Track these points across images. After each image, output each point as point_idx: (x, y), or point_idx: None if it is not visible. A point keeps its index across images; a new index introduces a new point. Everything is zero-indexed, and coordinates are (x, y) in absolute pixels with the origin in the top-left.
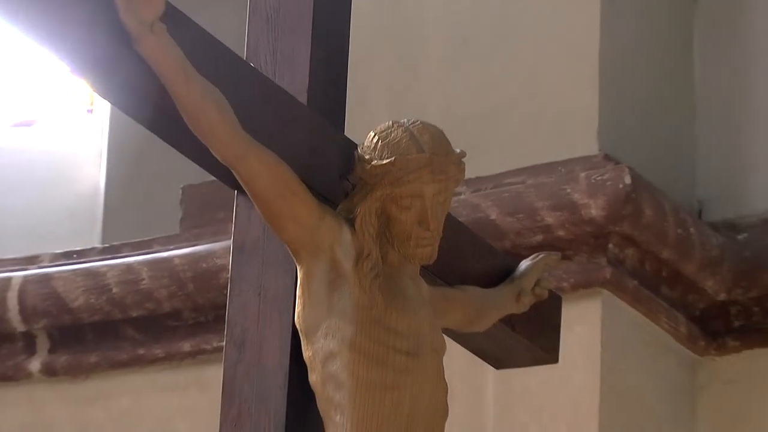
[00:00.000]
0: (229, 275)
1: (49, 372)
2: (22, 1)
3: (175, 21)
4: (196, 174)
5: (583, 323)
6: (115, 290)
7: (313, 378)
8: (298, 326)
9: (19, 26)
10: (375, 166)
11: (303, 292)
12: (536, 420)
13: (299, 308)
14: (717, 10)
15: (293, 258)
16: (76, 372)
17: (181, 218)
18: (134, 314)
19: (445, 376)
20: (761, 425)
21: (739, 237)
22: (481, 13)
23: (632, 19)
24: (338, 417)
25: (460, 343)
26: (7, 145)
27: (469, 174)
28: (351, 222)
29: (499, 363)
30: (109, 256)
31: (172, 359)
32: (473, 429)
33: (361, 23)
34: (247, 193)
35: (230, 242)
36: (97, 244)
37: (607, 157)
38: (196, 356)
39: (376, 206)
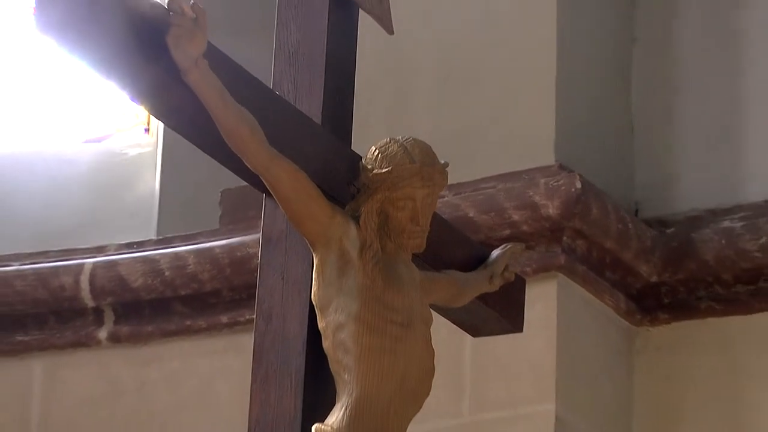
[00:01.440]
0: (258, 262)
1: (114, 339)
2: (96, 46)
3: (214, 57)
4: (232, 180)
5: (542, 300)
6: (167, 273)
7: (326, 344)
8: (314, 303)
9: (91, 66)
10: (376, 174)
11: (318, 276)
12: (504, 377)
13: (315, 288)
14: (651, 45)
15: (310, 248)
16: (136, 339)
17: (220, 216)
18: (182, 293)
19: (432, 343)
20: (684, 382)
21: (668, 231)
22: (460, 53)
23: (581, 55)
24: (346, 375)
25: (443, 316)
26: (81, 158)
27: (451, 180)
28: (356, 219)
29: (475, 332)
30: (162, 246)
31: (212, 329)
32: (454, 384)
33: (364, 60)
34: (273, 196)
35: (260, 235)
36: (153, 237)
37: (562, 167)
38: (232, 327)
39: (376, 207)
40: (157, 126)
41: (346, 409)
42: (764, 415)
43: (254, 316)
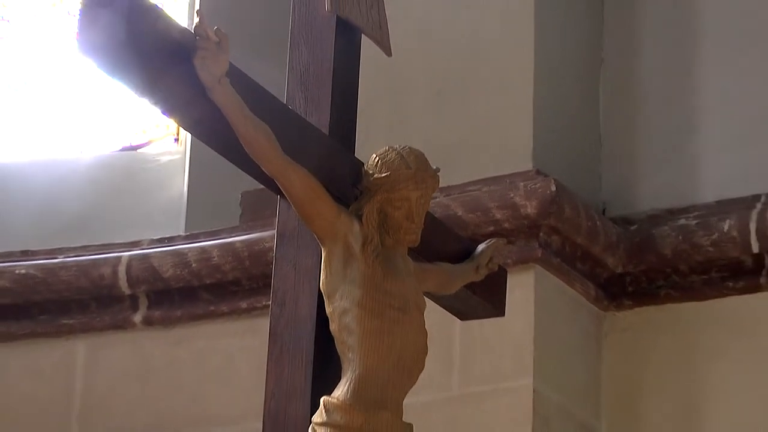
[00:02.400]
0: (273, 255)
1: (147, 323)
2: (132, 68)
3: (235, 76)
4: (250, 183)
5: (521, 288)
6: (194, 265)
7: (333, 327)
8: (322, 290)
9: (127, 85)
10: (376, 179)
11: (325, 267)
12: (488, 356)
13: (323, 278)
14: (616, 65)
15: (319, 243)
16: (167, 323)
17: (240, 215)
18: (207, 282)
19: (425, 325)
20: (646, 360)
21: (631, 228)
22: (450, 72)
23: (555, 75)
24: (350, 354)
25: (435, 302)
26: (118, 163)
27: (441, 184)
28: (359, 218)
29: (463, 316)
30: (190, 241)
31: (233, 314)
32: (445, 361)
33: (365, 78)
34: (286, 197)
35: (275, 231)
36: (182, 233)
37: (539, 172)
38: (250, 311)
39: (377, 206)
40: (185, 136)
41: (350, 383)
42: (714, 387)
43: (270, 302)
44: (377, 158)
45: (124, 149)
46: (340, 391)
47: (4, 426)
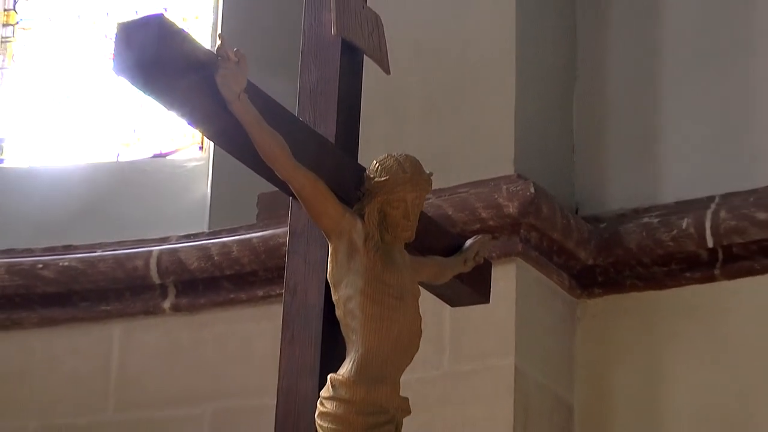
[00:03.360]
0: (286, 249)
1: (175, 309)
2: (161, 85)
3: (253, 92)
4: (266, 186)
5: (504, 279)
6: (216, 258)
7: (339, 312)
8: (329, 280)
9: (158, 100)
10: (376, 182)
11: (332, 260)
12: (474, 337)
13: (330, 269)
14: (588, 82)
15: (326, 238)
16: (192, 309)
17: (257, 214)
18: (228, 273)
19: (420, 311)
20: (613, 341)
21: (601, 225)
22: (441, 88)
23: (534, 91)
24: (353, 336)
25: (429, 290)
26: (150, 169)
27: (434, 186)
28: (361, 216)
29: (453, 302)
30: (212, 237)
31: (251, 301)
32: (437, 343)
33: (367, 94)
34: (297, 198)
35: (287, 228)
36: (205, 230)
37: (519, 176)
38: (266, 299)
39: (377, 207)
40: (209, 144)
41: (353, 362)
42: (673, 364)
43: (283, 291)
44: (377, 164)
45: (155, 156)
46: (345, 369)
47: (51, 398)
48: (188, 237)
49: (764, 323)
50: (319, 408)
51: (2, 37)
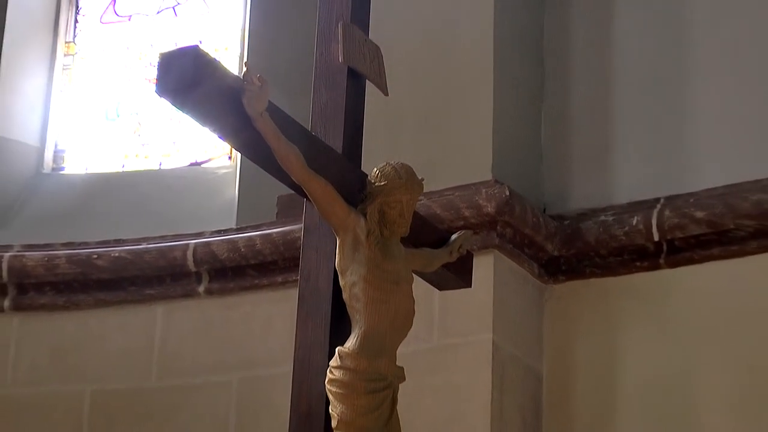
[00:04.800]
0: (301, 242)
1: (209, 293)
2: (197, 105)
3: (273, 110)
4: (284, 189)
5: (484, 267)
6: (242, 250)
7: (345, 296)
8: (337, 269)
9: (194, 117)
10: (377, 186)
11: (339, 251)
12: (458, 316)
13: (337, 259)
14: (554, 103)
15: (335, 233)
16: (222, 293)
17: (277, 213)
18: (252, 262)
19: (413, 294)
20: (575, 321)
21: (565, 222)
22: (431, 106)
23: (509, 110)
24: (357, 316)
25: (421, 277)
26: (188, 175)
27: (424, 190)
28: (364, 215)
29: (440, 287)
30: (240, 232)
31: (272, 286)
32: (427, 321)
33: (368, 112)
34: (310, 200)
35: (302, 225)
36: (233, 226)
37: (496, 181)
38: (284, 284)
39: (377, 207)
40: (236, 155)
41: (357, 337)
42: (624, 339)
43: (298, 277)
44: (377, 171)
45: (191, 164)
46: (350, 343)
47: (104, 368)
48: (219, 232)
49: (701, 304)
50: (329, 375)
51: (63, 65)
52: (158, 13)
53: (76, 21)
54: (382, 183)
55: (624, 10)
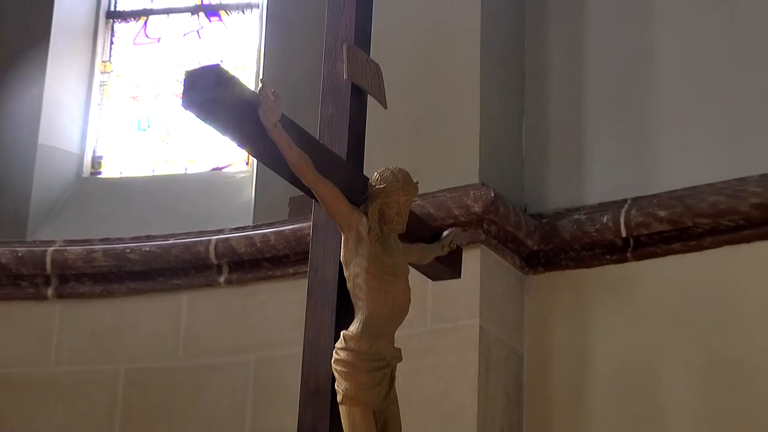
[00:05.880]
0: (310, 238)
1: (228, 283)
2: (219, 118)
3: (286, 121)
4: (295, 192)
5: (472, 260)
6: (258, 245)
7: (349, 286)
8: (342, 261)
9: (216, 128)
10: (377, 188)
11: (344, 246)
12: (450, 304)
13: (342, 253)
14: (533, 115)
15: (340, 230)
16: (240, 283)
17: (289, 212)
18: (267, 256)
19: (409, 284)
20: (552, 308)
21: (543, 220)
22: (424, 119)
23: (494, 121)
24: (360, 303)
25: (416, 269)
26: (210, 179)
27: (419, 192)
28: (366, 214)
29: (433, 278)
30: (256, 230)
31: (284, 276)
32: (421, 308)
33: (370, 123)
34: (318, 201)
35: (311, 223)
36: (250, 224)
37: (483, 184)
38: (296, 275)
39: (377, 207)
40: (253, 161)
41: (360, 322)
42: (597, 325)
43: (308, 269)
44: (377, 175)
45: (213, 169)
46: (354, 328)
47: (136, 349)
48: (238, 229)
49: (664, 293)
50: (335, 356)
51: (101, 81)
52: (184, 35)
53: (111, 43)
54: (382, 186)
55: (596, 32)
